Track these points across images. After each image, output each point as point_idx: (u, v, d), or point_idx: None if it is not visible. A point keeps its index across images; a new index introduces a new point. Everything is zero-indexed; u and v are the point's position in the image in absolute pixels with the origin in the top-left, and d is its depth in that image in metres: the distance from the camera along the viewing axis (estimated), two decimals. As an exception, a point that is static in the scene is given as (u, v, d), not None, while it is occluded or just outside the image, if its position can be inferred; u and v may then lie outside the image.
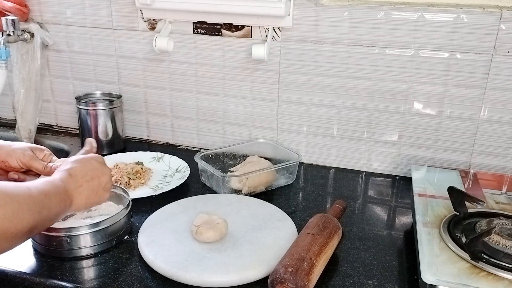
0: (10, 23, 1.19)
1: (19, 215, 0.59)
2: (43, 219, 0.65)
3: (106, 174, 0.79)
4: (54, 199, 0.67)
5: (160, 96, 1.27)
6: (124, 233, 0.84)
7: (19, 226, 0.59)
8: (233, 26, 1.14)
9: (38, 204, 0.64)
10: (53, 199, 0.67)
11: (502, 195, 0.89)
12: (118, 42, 1.26)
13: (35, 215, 0.62)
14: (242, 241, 0.80)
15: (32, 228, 0.62)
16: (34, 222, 0.62)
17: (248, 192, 1.00)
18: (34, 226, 0.63)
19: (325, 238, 0.75)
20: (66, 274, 0.74)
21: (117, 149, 1.23)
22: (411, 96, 1.06)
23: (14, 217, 0.59)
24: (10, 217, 0.58)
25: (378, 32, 1.04)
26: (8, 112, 1.46)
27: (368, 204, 1.01)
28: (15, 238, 0.60)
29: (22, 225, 0.60)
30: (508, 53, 0.97)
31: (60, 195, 0.69)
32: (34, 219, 0.62)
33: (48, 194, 0.66)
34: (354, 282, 0.74)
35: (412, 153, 1.11)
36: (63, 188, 0.71)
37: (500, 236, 0.71)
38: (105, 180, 0.78)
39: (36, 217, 0.62)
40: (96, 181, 0.76)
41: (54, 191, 0.68)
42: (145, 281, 0.73)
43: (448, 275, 0.64)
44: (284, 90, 1.16)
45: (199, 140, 1.29)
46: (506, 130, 1.03)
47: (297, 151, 1.11)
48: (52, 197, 0.67)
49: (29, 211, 0.61)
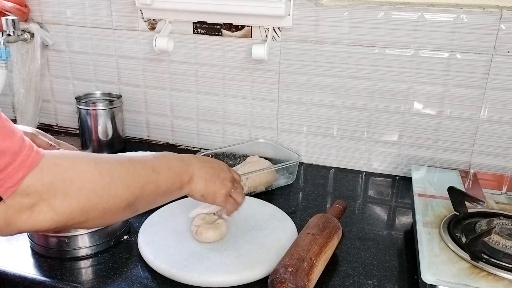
0: (10, 23, 1.20)
1: (110, 190, 0.57)
2: (148, 194, 0.62)
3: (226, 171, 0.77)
4: (164, 175, 0.65)
5: (160, 96, 1.27)
6: (122, 233, 0.84)
7: (111, 201, 0.57)
8: (233, 26, 1.14)
9: (139, 179, 0.61)
10: (163, 175, 0.65)
11: (502, 195, 0.89)
12: (118, 42, 1.26)
13: (134, 190, 0.60)
14: (242, 241, 0.80)
15: (131, 204, 0.60)
16: (134, 197, 0.60)
17: (248, 192, 1.00)
18: (134, 201, 0.60)
19: (325, 238, 0.75)
20: (66, 274, 0.74)
21: (117, 149, 1.23)
22: (411, 96, 1.06)
23: (104, 192, 0.56)
24: (99, 192, 0.56)
25: (378, 32, 1.04)
26: (8, 112, 1.46)
27: (368, 204, 1.01)
28: (110, 213, 0.58)
29: (115, 200, 0.57)
30: (508, 53, 0.97)
31: (175, 169, 0.67)
32: (133, 194, 0.59)
33: (157, 169, 0.64)
34: (354, 282, 0.74)
35: (412, 153, 1.11)
36: (183, 163, 0.69)
37: (500, 236, 0.71)
38: (224, 175, 0.75)
39: (135, 191, 0.60)
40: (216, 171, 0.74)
41: (166, 165, 0.66)
42: (145, 281, 0.73)
43: (448, 275, 0.64)
44: (284, 90, 1.16)
45: (199, 140, 1.29)
46: (506, 130, 1.03)
47: (297, 151, 1.11)
48: (162, 172, 0.64)
49: (124, 186, 0.58)
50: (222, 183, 0.74)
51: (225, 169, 0.77)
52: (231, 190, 0.76)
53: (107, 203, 0.57)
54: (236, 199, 0.78)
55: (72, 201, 0.54)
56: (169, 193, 0.67)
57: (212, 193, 0.73)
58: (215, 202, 0.75)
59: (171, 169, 0.67)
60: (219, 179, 0.74)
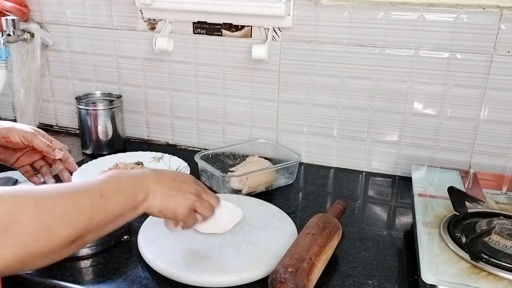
0: (10, 23, 1.19)
1: (51, 231, 0.51)
2: (97, 224, 0.56)
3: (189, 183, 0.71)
4: (114, 199, 0.59)
5: (160, 96, 1.27)
6: (122, 233, 0.84)
7: (53, 243, 0.51)
8: (233, 26, 1.14)
9: (85, 210, 0.55)
10: (113, 199, 0.58)
11: (502, 195, 0.89)
12: (118, 42, 1.26)
13: (80, 224, 0.54)
14: (242, 241, 0.80)
15: (77, 238, 0.54)
16: (79, 232, 0.54)
17: (248, 192, 1.00)
18: (80, 235, 0.54)
19: (325, 238, 0.75)
20: (66, 274, 0.74)
21: (117, 149, 1.23)
22: (411, 96, 1.06)
23: (43, 235, 0.50)
24: (38, 237, 0.50)
25: (378, 32, 1.04)
26: (8, 112, 1.46)
27: (368, 204, 1.01)
28: (53, 254, 0.52)
29: (58, 241, 0.52)
30: (508, 53, 0.97)
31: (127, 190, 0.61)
32: (79, 229, 0.54)
33: (105, 194, 0.58)
34: (354, 282, 0.74)
35: (412, 153, 1.11)
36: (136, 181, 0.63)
37: (500, 236, 0.71)
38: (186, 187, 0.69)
39: (81, 225, 0.54)
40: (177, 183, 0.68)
41: (116, 187, 0.60)
42: (145, 281, 0.73)
43: (448, 275, 0.64)
44: (284, 90, 1.16)
45: (199, 140, 1.29)
46: (506, 130, 1.03)
47: (297, 151, 1.11)
48: (112, 196, 0.58)
49: (68, 222, 0.52)
50: (184, 197, 0.68)
51: (188, 181, 0.71)
52: (195, 203, 0.69)
53: (47, 245, 0.51)
54: (202, 213, 0.71)
55: (6, 252, 0.48)
56: (122, 217, 0.60)
57: (172, 208, 0.67)
58: (176, 218, 0.69)
59: (122, 191, 0.61)
60: (180, 192, 0.68)
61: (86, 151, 1.23)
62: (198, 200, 0.70)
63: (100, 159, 1.13)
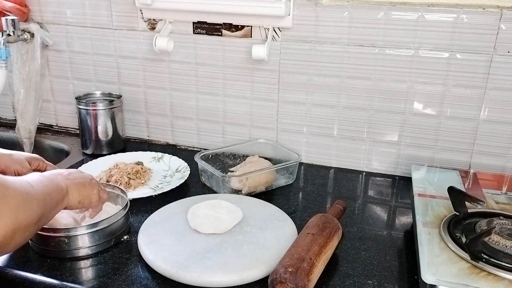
0: (10, 23, 1.20)
1: (29, 205, 0.60)
2: (48, 209, 0.66)
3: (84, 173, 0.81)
4: (52, 188, 0.68)
5: (160, 96, 1.27)
6: (122, 233, 0.84)
7: (30, 217, 0.60)
8: (233, 26, 1.14)
9: (41, 194, 0.64)
10: (51, 188, 0.68)
11: (502, 195, 0.89)
12: (118, 42, 1.26)
13: (41, 204, 0.63)
14: (242, 241, 0.80)
15: (39, 219, 0.63)
16: (41, 212, 0.63)
17: (248, 192, 1.00)
18: (41, 216, 0.63)
19: (325, 238, 0.75)
20: (66, 274, 0.74)
21: (117, 149, 1.23)
22: (411, 96, 1.06)
23: (25, 207, 0.59)
24: (22, 208, 0.58)
25: (378, 32, 1.04)
26: (8, 112, 1.46)
27: (368, 204, 1.01)
28: (27, 231, 0.60)
29: (32, 216, 0.60)
30: (508, 53, 0.97)
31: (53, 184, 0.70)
32: (41, 209, 0.63)
33: (47, 184, 0.68)
34: (354, 282, 0.74)
35: (412, 153, 1.11)
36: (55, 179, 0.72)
37: (500, 236, 0.71)
38: (86, 177, 0.79)
39: (42, 206, 0.63)
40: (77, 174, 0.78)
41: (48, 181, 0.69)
42: (145, 281, 0.73)
43: (448, 275, 0.64)
44: (284, 90, 1.16)
45: (199, 140, 1.29)
46: (506, 130, 1.03)
47: (297, 151, 1.11)
48: (50, 185, 0.68)
49: (36, 200, 0.62)
50: (91, 184, 0.78)
51: (82, 172, 0.81)
52: (99, 187, 0.80)
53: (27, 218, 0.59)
54: (103, 197, 0.81)
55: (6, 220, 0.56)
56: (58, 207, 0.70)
57: (87, 196, 0.77)
58: (91, 204, 0.79)
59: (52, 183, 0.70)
60: (86, 181, 0.78)
61: (86, 151, 1.23)
62: (98, 184, 0.81)
63: (100, 159, 1.14)
